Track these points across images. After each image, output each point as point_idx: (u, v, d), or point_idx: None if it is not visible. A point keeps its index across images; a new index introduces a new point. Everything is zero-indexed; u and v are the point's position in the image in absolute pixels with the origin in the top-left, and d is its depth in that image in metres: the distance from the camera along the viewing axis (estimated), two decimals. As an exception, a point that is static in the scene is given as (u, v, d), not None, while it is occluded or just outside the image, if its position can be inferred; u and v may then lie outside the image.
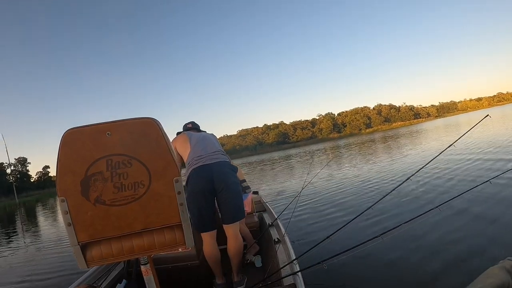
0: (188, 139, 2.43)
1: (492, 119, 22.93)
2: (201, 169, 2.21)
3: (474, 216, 3.89)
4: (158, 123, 1.00)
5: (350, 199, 6.22)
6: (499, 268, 0.98)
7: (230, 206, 2.24)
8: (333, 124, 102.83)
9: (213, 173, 2.19)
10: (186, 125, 2.74)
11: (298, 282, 1.68)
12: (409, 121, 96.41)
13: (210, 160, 2.24)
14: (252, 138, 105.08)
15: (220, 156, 2.32)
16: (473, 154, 8.90)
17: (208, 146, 2.37)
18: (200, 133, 2.56)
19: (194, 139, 2.42)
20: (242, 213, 2.33)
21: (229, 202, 2.23)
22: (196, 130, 2.72)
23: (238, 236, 2.31)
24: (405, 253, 3.18)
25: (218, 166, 2.23)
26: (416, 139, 21.21)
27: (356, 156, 16.82)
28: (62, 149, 0.92)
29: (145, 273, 1.12)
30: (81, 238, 0.96)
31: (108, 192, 0.95)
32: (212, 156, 2.28)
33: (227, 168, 2.28)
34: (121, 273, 2.31)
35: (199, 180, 2.18)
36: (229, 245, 2.31)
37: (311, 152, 32.25)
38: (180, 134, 2.57)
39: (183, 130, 2.69)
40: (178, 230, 1.03)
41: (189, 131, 2.65)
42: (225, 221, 2.27)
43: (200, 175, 2.19)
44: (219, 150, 2.38)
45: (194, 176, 2.19)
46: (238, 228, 2.32)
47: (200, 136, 2.46)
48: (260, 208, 3.89)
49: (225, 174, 2.23)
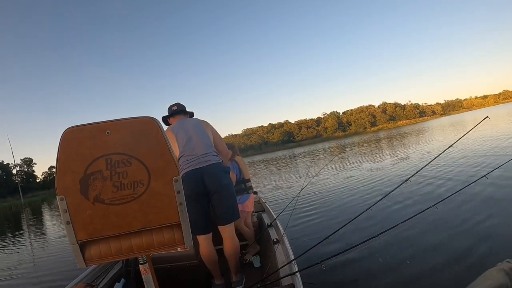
0: (174, 138, 2.31)
1: (495, 118, 22.69)
2: (192, 173, 2.16)
3: (472, 216, 3.88)
4: (158, 122, 0.99)
5: (349, 200, 6.22)
6: (498, 270, 0.97)
7: (223, 208, 2.22)
8: (338, 122, 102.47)
9: (204, 177, 2.15)
10: (171, 108, 2.56)
11: (297, 282, 1.67)
12: (414, 119, 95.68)
13: (200, 164, 2.19)
14: (257, 137, 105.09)
15: (211, 158, 2.24)
16: (472, 153, 8.87)
17: (197, 146, 2.26)
18: (187, 127, 2.37)
19: (181, 138, 2.30)
20: (236, 214, 2.31)
21: (222, 204, 2.21)
22: (182, 113, 2.57)
23: (233, 237, 2.30)
24: (403, 253, 3.18)
25: (209, 169, 2.18)
26: (420, 138, 21.04)
27: (358, 156, 16.74)
28: (61, 147, 0.91)
29: (144, 273, 1.11)
30: (80, 237, 0.96)
31: (107, 191, 0.95)
32: (202, 159, 2.21)
33: (218, 170, 2.22)
34: (119, 272, 2.31)
35: (190, 184, 2.13)
36: (225, 245, 2.30)
37: (313, 151, 32.13)
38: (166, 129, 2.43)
39: (169, 114, 2.58)
40: (177, 230, 1.03)
41: (175, 116, 2.55)
42: (220, 222, 2.27)
43: (191, 179, 2.14)
44: (209, 152, 2.27)
45: (185, 181, 2.11)
46: (233, 229, 2.31)
47: (187, 133, 2.32)
48: (259, 208, 3.89)
49: (216, 177, 2.19)
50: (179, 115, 2.56)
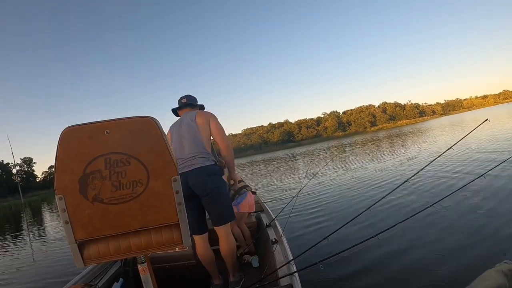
0: (170, 138, 2.33)
1: (495, 118, 22.70)
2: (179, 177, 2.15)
3: (470, 216, 3.88)
4: (157, 122, 0.99)
5: (349, 200, 6.21)
6: (496, 271, 0.97)
7: (214, 211, 2.22)
8: (338, 122, 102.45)
9: (189, 183, 2.12)
10: (180, 100, 2.56)
11: (295, 282, 1.67)
12: (414, 119, 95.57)
13: (185, 168, 2.15)
14: (257, 136, 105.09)
15: (197, 162, 2.17)
16: (471, 153, 8.88)
17: (186, 148, 2.22)
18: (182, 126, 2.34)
19: (174, 138, 2.31)
20: (228, 215, 2.28)
21: (212, 207, 2.20)
22: (191, 106, 2.55)
23: (228, 237, 2.28)
24: (401, 253, 3.17)
25: (192, 175, 2.13)
26: (419, 138, 21.02)
27: (357, 156, 16.71)
28: (60, 146, 0.91)
29: (142, 272, 1.11)
30: (78, 236, 0.96)
31: (106, 190, 0.95)
32: (188, 163, 2.17)
33: (202, 175, 2.15)
34: (118, 272, 2.31)
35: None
36: (220, 246, 2.30)
37: (314, 151, 32.13)
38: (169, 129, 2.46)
39: (178, 106, 2.57)
40: (175, 229, 1.03)
41: (183, 108, 2.54)
42: (214, 223, 2.27)
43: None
44: (196, 154, 2.19)
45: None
46: (228, 229, 2.30)
47: (179, 134, 2.31)
48: (258, 208, 3.88)
49: (200, 182, 2.14)
50: (186, 108, 2.54)
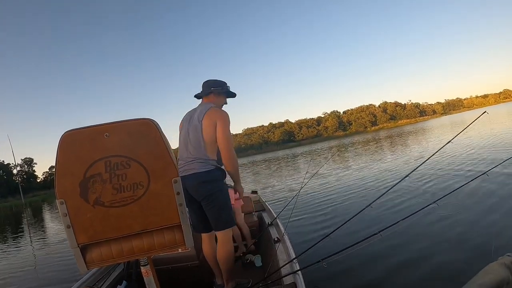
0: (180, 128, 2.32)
1: (495, 118, 22.68)
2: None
3: (473, 212, 3.89)
4: (156, 124, 0.99)
5: (350, 198, 6.22)
6: (499, 264, 0.97)
7: (210, 215, 2.18)
8: (339, 122, 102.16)
9: (186, 188, 2.09)
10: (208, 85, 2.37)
11: (298, 281, 1.67)
12: (415, 119, 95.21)
13: (183, 172, 2.11)
14: (257, 136, 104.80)
15: (194, 166, 2.11)
16: (473, 150, 8.89)
17: (188, 149, 2.18)
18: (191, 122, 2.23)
19: (181, 134, 2.27)
20: (225, 222, 2.18)
21: (208, 211, 2.17)
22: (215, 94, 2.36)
23: (225, 243, 2.19)
24: (404, 250, 3.18)
25: (188, 181, 2.08)
26: (420, 136, 21.04)
27: (357, 155, 16.75)
28: (60, 150, 0.91)
29: (145, 274, 1.11)
30: (80, 240, 0.96)
31: (107, 193, 0.95)
32: (186, 167, 2.13)
33: (197, 182, 2.09)
34: (121, 275, 2.32)
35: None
36: (217, 251, 2.23)
37: (314, 151, 32.13)
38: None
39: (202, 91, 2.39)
40: (177, 231, 1.03)
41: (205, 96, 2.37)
42: (212, 227, 2.23)
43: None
44: (195, 158, 2.13)
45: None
46: (227, 235, 2.21)
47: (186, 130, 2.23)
48: (259, 207, 3.88)
49: (194, 189, 2.11)
50: (208, 97, 2.36)
